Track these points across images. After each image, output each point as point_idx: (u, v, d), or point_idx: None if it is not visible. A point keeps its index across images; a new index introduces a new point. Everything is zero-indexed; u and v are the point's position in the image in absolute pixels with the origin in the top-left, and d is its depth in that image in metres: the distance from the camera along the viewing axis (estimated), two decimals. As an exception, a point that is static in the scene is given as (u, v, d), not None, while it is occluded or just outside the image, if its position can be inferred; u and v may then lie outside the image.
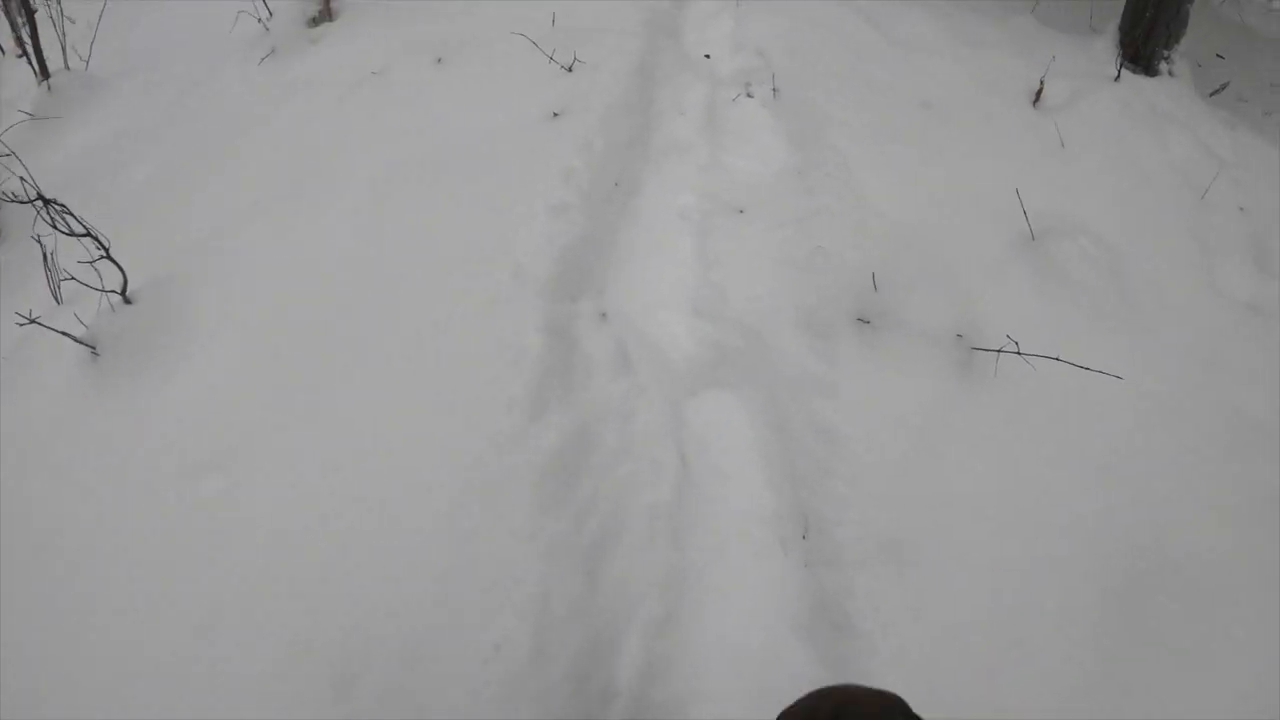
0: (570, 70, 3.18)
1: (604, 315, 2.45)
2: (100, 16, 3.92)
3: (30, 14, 3.73)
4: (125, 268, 2.69)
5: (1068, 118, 3.15)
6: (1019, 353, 2.17)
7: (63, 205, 2.48)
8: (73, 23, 4.45)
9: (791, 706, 1.09)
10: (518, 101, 3.01)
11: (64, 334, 2.52)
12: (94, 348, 2.56)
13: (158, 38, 3.97)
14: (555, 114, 2.93)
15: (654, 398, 2.31)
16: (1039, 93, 3.27)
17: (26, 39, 3.77)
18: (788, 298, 2.43)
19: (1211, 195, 2.99)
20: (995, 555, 2.03)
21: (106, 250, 2.58)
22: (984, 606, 1.98)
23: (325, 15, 3.56)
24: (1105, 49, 3.78)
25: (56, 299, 2.78)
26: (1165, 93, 3.61)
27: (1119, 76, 3.46)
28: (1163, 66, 3.87)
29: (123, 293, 2.63)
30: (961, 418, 2.18)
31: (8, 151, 3.15)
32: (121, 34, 4.08)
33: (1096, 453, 2.18)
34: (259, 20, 3.50)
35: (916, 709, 1.04)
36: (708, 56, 3.54)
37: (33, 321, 2.40)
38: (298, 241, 2.66)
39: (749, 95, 3.42)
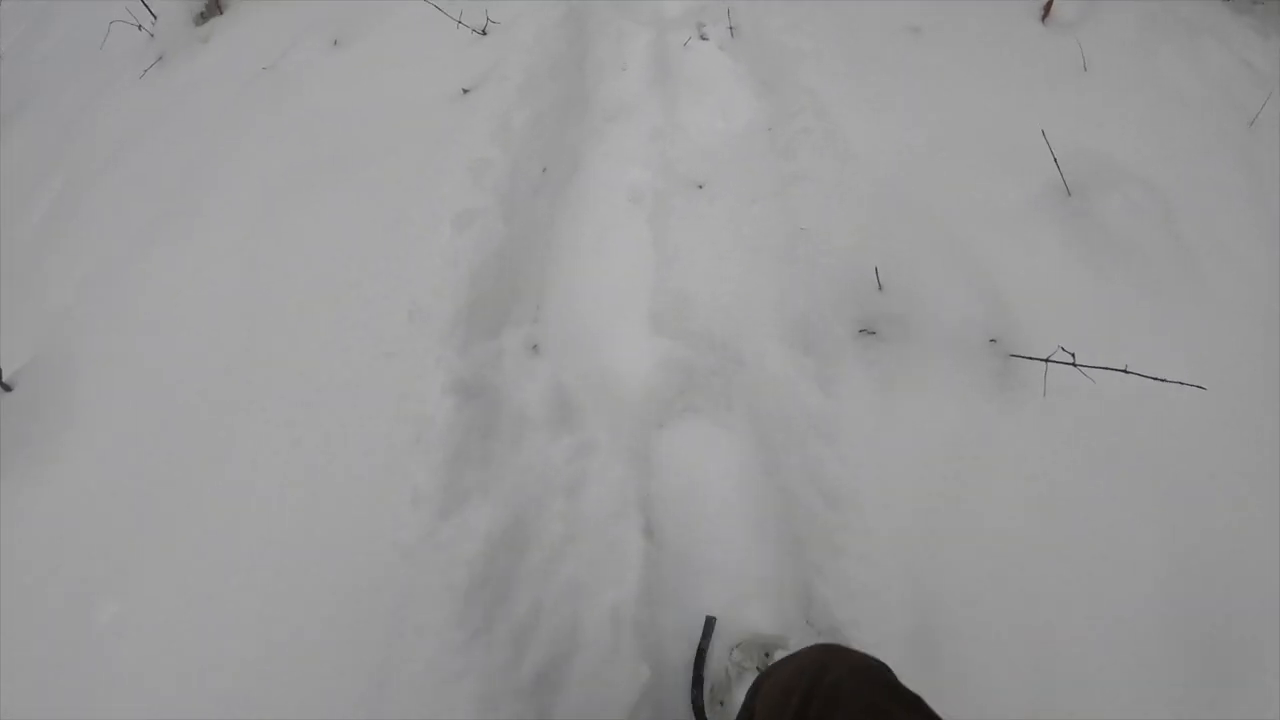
0: (484, 33, 2.39)
1: (536, 348, 1.73)
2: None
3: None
4: (6, 346, 2.11)
5: (1086, 35, 2.23)
6: (1074, 364, 1.40)
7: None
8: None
9: (787, 659, 1.00)
10: (423, 80, 2.21)
11: (-65, 438, 1.94)
12: (-25, 449, 1.99)
13: (53, 62, 3.22)
14: (465, 90, 2.16)
15: (608, 454, 1.62)
16: (1048, 6, 2.39)
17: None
18: (768, 301, 1.67)
19: (1260, 119, 2.09)
20: (1049, 629, 1.32)
21: (-26, 341, 1.97)
22: (1035, 693, 1.35)
23: (214, 9, 2.79)
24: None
25: (-60, 397, 2.20)
26: (1190, -2, 2.68)
27: (1141, -17, 2.54)
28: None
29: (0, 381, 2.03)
30: (1000, 454, 1.44)
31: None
32: (16, 64, 3.35)
33: (1170, 482, 1.43)
34: (140, 27, 2.74)
35: None
36: None
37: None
38: (181, 286, 1.95)
39: (703, 37, 2.58)
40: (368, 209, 1.86)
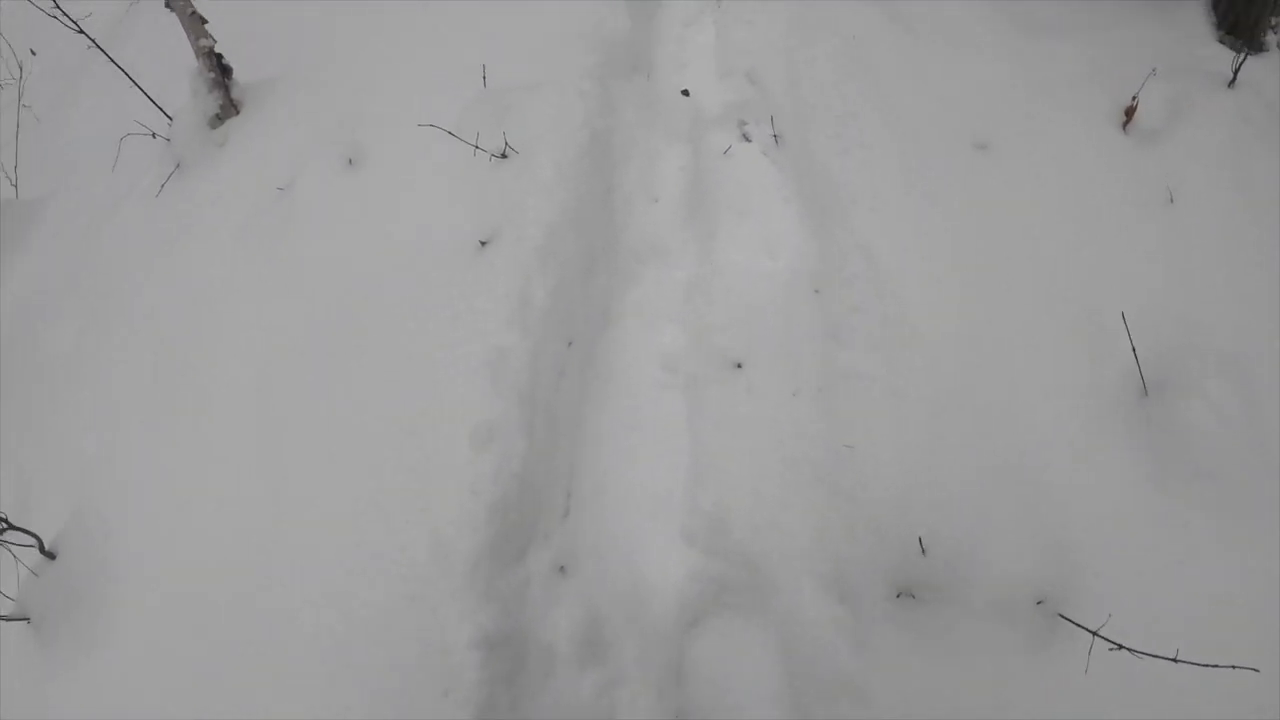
0: (503, 156, 2.27)
1: (563, 569, 1.68)
2: (18, 135, 3.18)
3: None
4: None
5: (1172, 147, 1.98)
6: (1122, 648, 1.31)
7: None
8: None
9: None
10: (437, 221, 2.06)
11: (-9, 618, 2.05)
12: (27, 618, 2.10)
13: (77, 152, 3.19)
14: (483, 242, 2.06)
15: (638, 684, 1.57)
16: (1130, 112, 2.08)
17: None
18: (805, 530, 1.55)
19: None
20: None
21: (8, 522, 2.05)
22: None
23: (229, 109, 2.71)
24: (1195, 19, 2.45)
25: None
26: (1280, 78, 2.32)
27: (1234, 80, 2.19)
28: (1270, 39, 2.47)
29: (43, 551, 2.12)
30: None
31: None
32: (44, 145, 3.35)
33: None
34: (154, 135, 2.69)
35: None
36: (685, 93, 2.50)
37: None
38: (193, 462, 1.96)
39: (745, 137, 2.39)
40: (382, 406, 1.81)
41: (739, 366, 1.84)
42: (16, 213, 3.10)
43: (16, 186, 3.14)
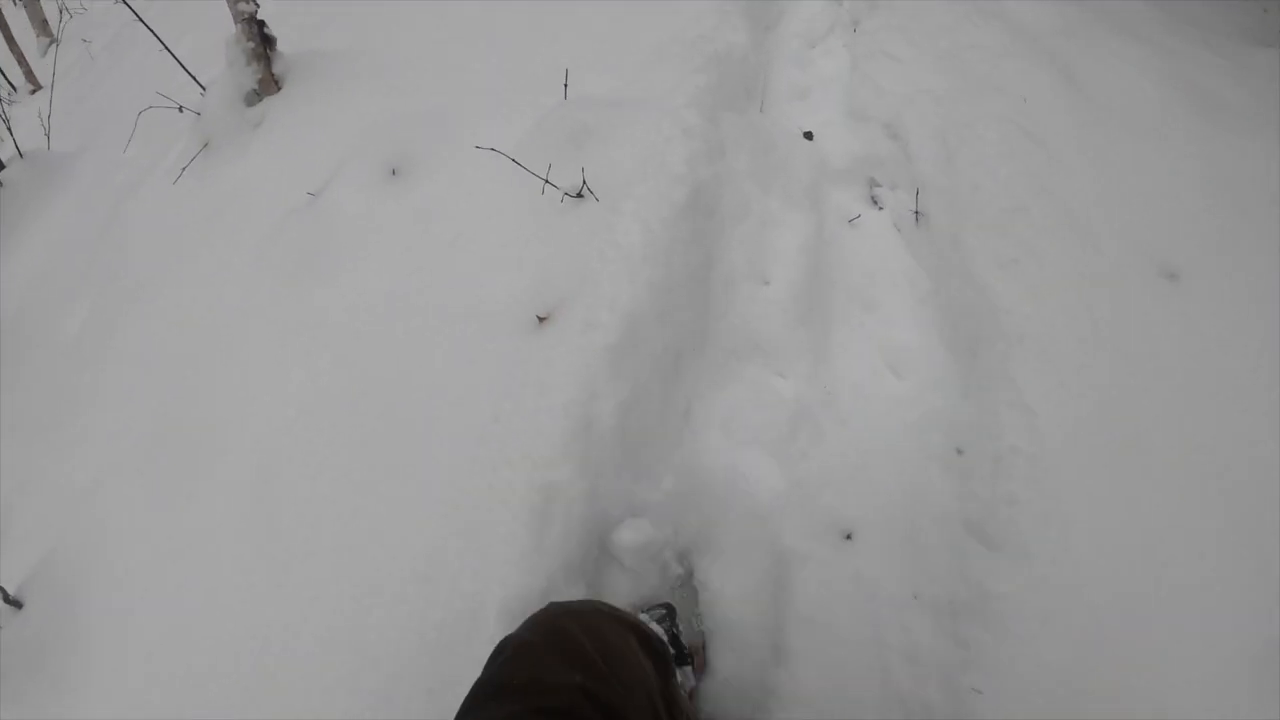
0: (579, 197, 1.80)
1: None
2: (51, 88, 2.79)
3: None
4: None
5: None
6: None
7: None
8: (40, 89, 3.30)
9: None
10: (490, 277, 1.65)
11: (-58, 669, 1.78)
12: (-13, 674, 1.83)
13: (113, 106, 2.80)
14: (540, 319, 1.63)
15: None
16: None
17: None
18: None
19: None
20: None
21: (-26, 580, 1.75)
22: None
23: (270, 85, 2.25)
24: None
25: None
26: None
27: None
28: None
29: (8, 600, 1.83)
30: None
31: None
32: (87, 91, 2.97)
33: None
34: (181, 109, 2.26)
35: None
36: (809, 136, 1.98)
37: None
38: (185, 523, 1.63)
39: (875, 202, 1.88)
40: (397, 529, 1.42)
41: (848, 538, 1.40)
42: (44, 165, 2.75)
43: (49, 136, 2.78)
